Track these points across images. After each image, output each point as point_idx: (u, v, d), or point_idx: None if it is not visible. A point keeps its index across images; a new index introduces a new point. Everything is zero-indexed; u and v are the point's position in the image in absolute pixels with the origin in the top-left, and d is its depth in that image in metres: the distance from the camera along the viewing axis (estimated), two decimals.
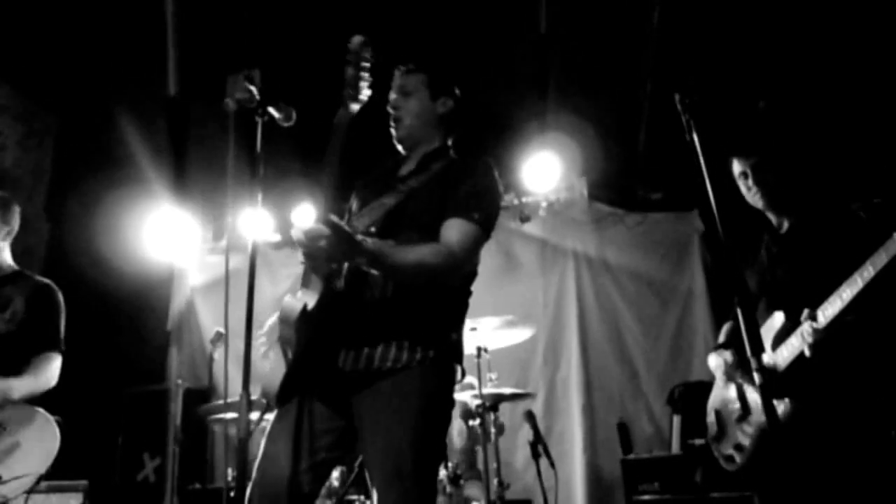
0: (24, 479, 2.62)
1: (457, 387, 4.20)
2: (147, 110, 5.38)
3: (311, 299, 1.85)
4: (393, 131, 2.25)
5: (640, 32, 4.47)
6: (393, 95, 2.26)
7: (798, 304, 2.39)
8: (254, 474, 1.86)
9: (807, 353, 2.30)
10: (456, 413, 4.13)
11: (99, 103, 5.33)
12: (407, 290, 1.98)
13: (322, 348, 1.91)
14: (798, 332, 2.34)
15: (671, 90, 1.79)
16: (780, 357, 2.42)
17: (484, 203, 2.08)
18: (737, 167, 2.71)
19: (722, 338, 2.86)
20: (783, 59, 4.40)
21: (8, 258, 2.97)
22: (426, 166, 2.18)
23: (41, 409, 2.79)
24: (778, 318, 2.48)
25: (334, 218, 1.74)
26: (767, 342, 2.47)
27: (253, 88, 1.98)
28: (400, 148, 2.29)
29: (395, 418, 1.86)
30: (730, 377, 2.68)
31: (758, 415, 2.46)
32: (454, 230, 2.00)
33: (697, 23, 4.39)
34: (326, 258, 1.83)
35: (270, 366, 1.90)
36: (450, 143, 2.29)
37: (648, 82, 4.58)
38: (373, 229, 1.99)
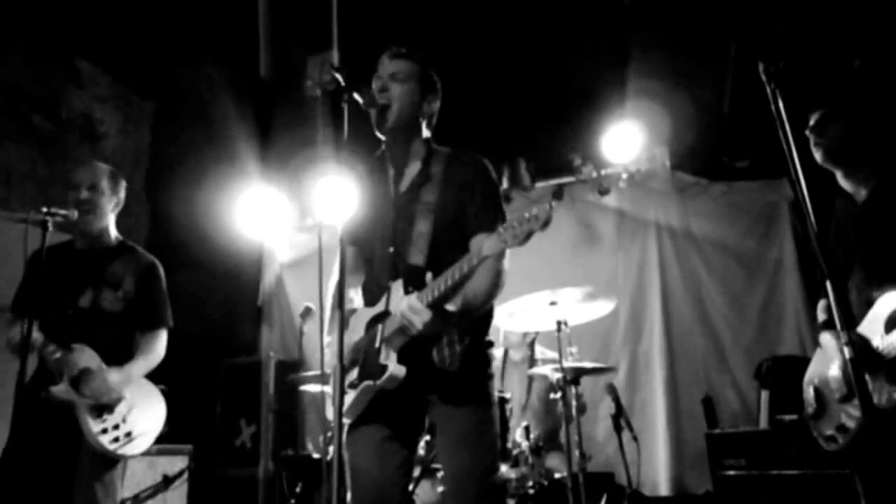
0: (150, 436, 2.87)
1: (538, 360, 4.26)
2: (238, 93, 5.60)
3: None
4: (376, 118, 2.19)
5: None
6: (381, 79, 2.21)
7: None
8: (351, 492, 2.07)
9: None
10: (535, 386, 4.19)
11: (192, 88, 5.58)
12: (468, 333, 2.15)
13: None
14: None
15: (755, 57, 1.74)
16: (894, 339, 2.30)
17: (499, 207, 2.19)
18: (809, 125, 2.60)
19: (823, 315, 2.71)
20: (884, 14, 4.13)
21: (113, 230, 3.10)
22: (427, 171, 2.22)
23: (145, 379, 3.00)
24: (891, 299, 2.36)
25: (436, 299, 1.92)
26: (880, 323, 2.36)
27: (337, 74, 2.01)
28: (380, 136, 2.26)
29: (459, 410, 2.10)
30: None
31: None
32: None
33: None
34: (422, 335, 1.97)
35: (355, 396, 2.07)
36: (429, 135, 2.30)
37: (733, 46, 4.41)
38: (425, 264, 2.08)
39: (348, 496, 2.07)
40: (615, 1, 4.88)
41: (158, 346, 3.03)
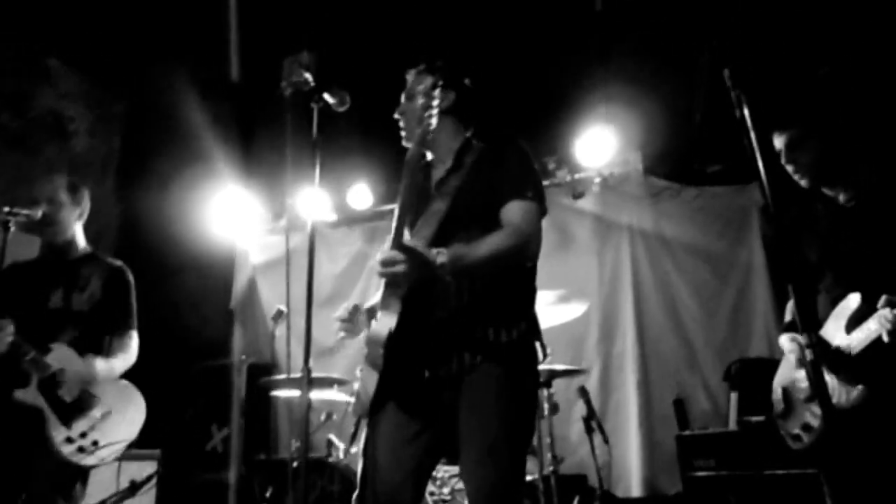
0: (118, 446, 2.81)
1: None
2: (212, 94, 5.54)
3: (391, 321, 1.92)
4: (402, 134, 2.24)
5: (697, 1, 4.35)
6: (401, 100, 2.26)
7: (874, 285, 2.31)
8: (358, 490, 1.98)
9: (885, 338, 2.22)
10: None
11: (164, 89, 5.51)
12: (481, 285, 2.03)
13: (406, 363, 1.98)
14: (877, 316, 2.26)
15: (722, 64, 1.76)
16: (854, 340, 2.34)
17: (532, 180, 2.15)
18: (775, 143, 2.63)
19: (788, 316, 2.77)
20: (852, 25, 4.22)
21: (82, 240, 3.08)
22: (459, 162, 2.19)
23: (127, 382, 2.99)
24: (853, 300, 2.40)
25: (408, 242, 1.86)
26: (841, 323, 2.41)
27: (307, 74, 2.01)
28: (411, 146, 2.25)
29: (487, 400, 1.94)
30: (803, 363, 2.57)
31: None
32: (514, 211, 2.07)
33: None
34: (406, 281, 1.90)
35: (360, 383, 1.99)
36: (469, 134, 2.27)
37: (705, 52, 4.47)
38: (433, 238, 2.01)
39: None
40: (589, 6, 4.92)
41: (132, 350, 3.04)
